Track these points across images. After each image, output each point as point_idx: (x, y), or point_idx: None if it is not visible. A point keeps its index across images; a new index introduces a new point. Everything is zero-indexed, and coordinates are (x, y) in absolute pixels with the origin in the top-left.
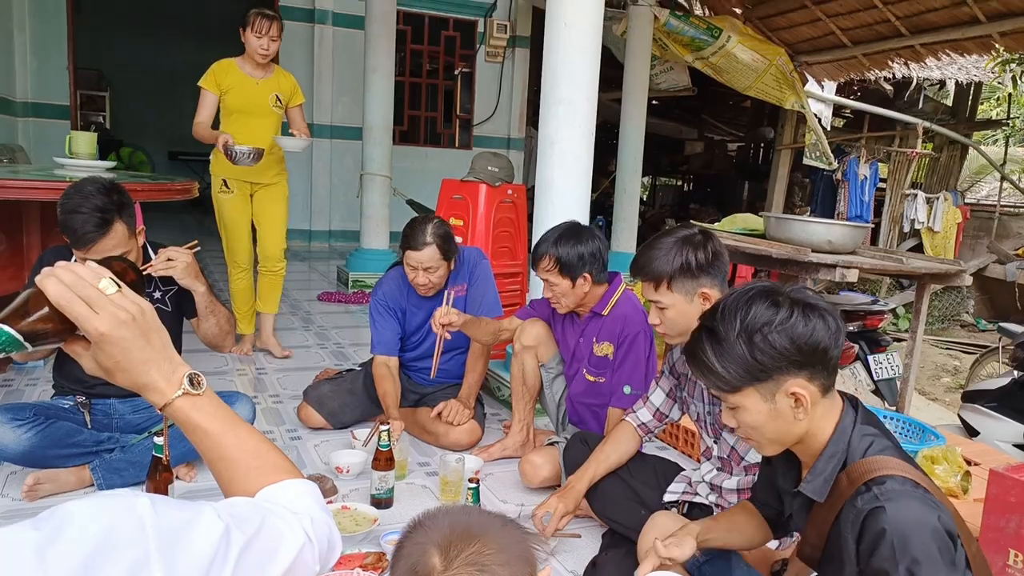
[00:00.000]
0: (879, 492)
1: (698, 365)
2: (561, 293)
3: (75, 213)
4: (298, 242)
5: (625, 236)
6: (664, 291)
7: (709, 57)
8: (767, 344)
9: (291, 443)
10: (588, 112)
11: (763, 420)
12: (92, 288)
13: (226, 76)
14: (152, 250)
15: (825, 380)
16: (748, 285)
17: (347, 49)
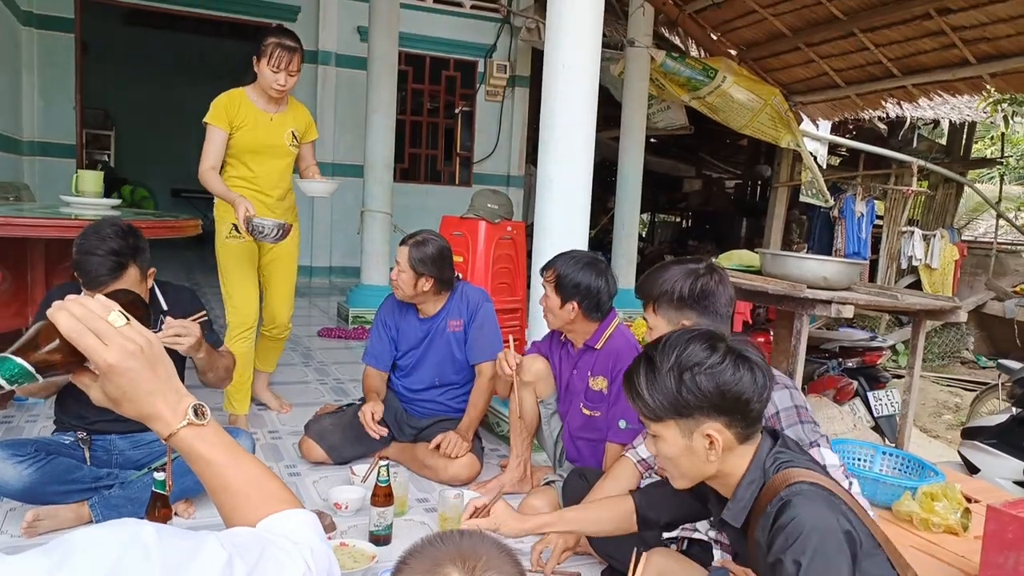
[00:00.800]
0: (785, 493)
1: (629, 389)
2: (548, 308)
3: (91, 255)
4: (300, 278)
5: (624, 272)
6: (650, 312)
7: (705, 97)
8: (694, 383)
9: (290, 479)
10: (586, 151)
11: (678, 454)
12: (102, 321)
13: (238, 111)
14: (159, 289)
15: (743, 429)
16: (696, 327)
17: (349, 89)
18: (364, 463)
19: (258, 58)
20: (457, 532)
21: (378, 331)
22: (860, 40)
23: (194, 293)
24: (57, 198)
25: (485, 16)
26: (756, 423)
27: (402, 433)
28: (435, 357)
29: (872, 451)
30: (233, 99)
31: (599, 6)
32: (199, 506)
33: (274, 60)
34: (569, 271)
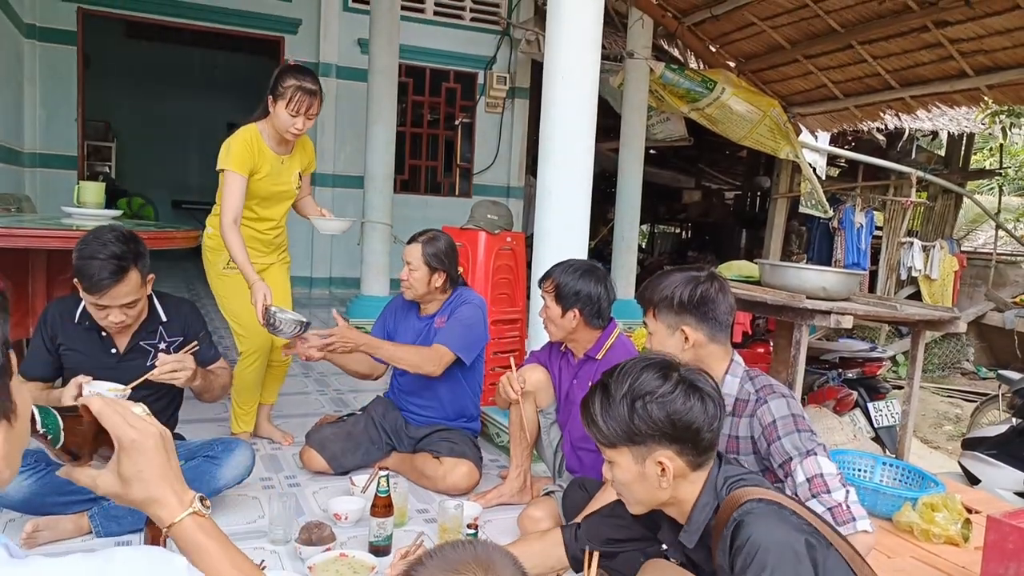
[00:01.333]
0: (738, 513)
1: (585, 415)
2: (549, 318)
3: (92, 259)
4: (299, 289)
5: (624, 283)
6: (650, 317)
7: (704, 108)
8: (646, 412)
9: (290, 490)
10: (585, 162)
11: (631, 480)
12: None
13: (256, 156)
14: (157, 300)
15: (695, 457)
16: (651, 355)
17: (350, 100)
18: (364, 473)
19: (275, 98)
20: (468, 541)
21: (378, 324)
22: (858, 53)
23: (193, 306)
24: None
25: (485, 28)
26: (708, 451)
27: (401, 443)
28: None
29: (872, 462)
30: (251, 144)
31: (598, 18)
32: None
33: (294, 104)
34: (568, 279)
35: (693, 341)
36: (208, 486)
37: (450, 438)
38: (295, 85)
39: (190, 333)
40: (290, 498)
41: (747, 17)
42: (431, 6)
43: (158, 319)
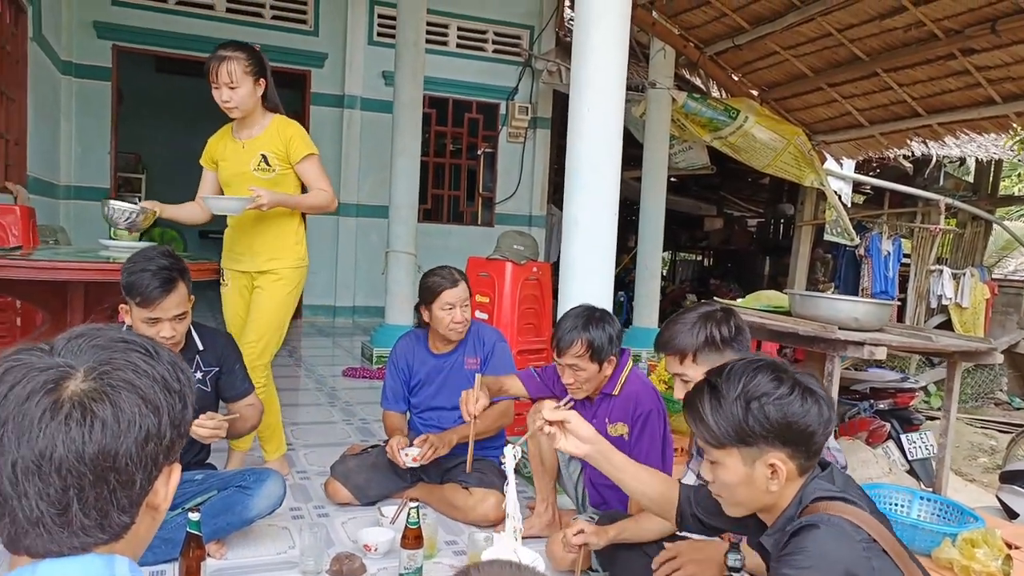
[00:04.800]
0: (806, 518)
1: (693, 414)
2: (586, 378)
3: (142, 272)
4: (322, 318)
5: (647, 312)
6: (689, 364)
7: (727, 137)
8: (761, 413)
9: (319, 520)
10: (611, 192)
11: (737, 482)
12: None
13: (217, 144)
14: (194, 329)
15: (804, 462)
16: (759, 357)
17: (373, 131)
18: (391, 504)
19: None
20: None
21: (391, 374)
22: (884, 80)
23: (230, 337)
24: (92, 240)
25: (507, 59)
26: (815, 456)
27: (428, 474)
28: (451, 394)
29: (909, 496)
30: (220, 134)
31: (624, 51)
32: (230, 547)
33: (211, 76)
34: (598, 333)
35: None
36: (240, 516)
37: (479, 468)
38: (208, 57)
39: (225, 363)
40: (320, 528)
41: (770, 46)
42: (454, 38)
43: (195, 348)
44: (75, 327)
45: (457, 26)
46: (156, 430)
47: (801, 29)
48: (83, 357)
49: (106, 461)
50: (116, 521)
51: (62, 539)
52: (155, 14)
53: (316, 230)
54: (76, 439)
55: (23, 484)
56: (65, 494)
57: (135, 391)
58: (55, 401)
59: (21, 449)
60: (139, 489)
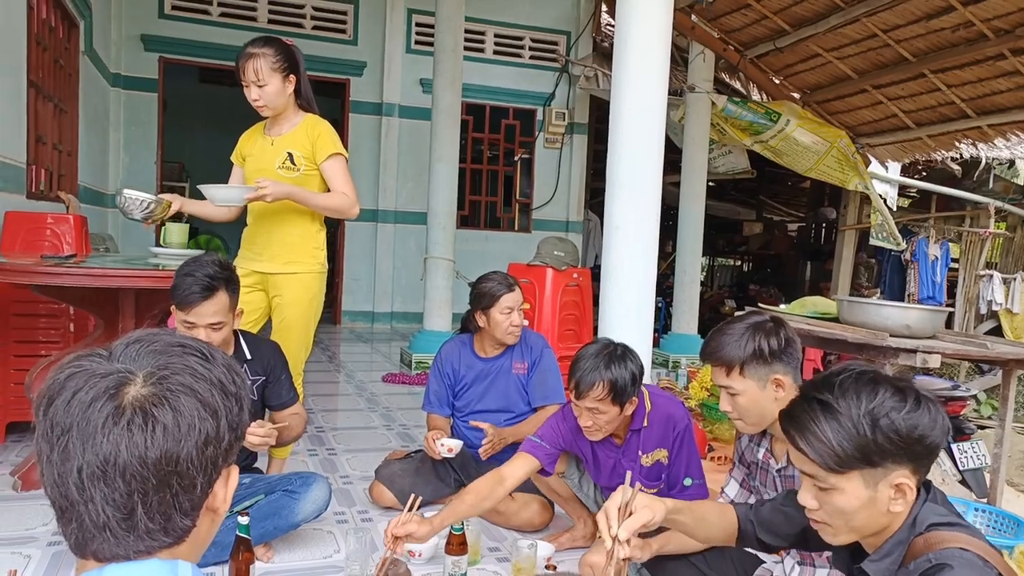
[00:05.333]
0: (938, 555)
1: (805, 437)
2: (607, 421)
3: (187, 276)
4: (361, 324)
5: (686, 318)
6: (736, 377)
7: (768, 141)
8: (891, 428)
9: (362, 524)
10: (652, 198)
11: (857, 507)
12: None
13: (248, 140)
14: (243, 338)
15: (923, 476)
16: (863, 367)
17: (411, 138)
18: (434, 509)
19: None
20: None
21: (436, 378)
22: (931, 81)
23: (277, 346)
24: (138, 248)
25: (544, 66)
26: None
27: (470, 479)
28: (498, 396)
29: (963, 507)
30: (252, 131)
31: (665, 57)
32: (277, 551)
33: (239, 75)
34: (620, 373)
35: (787, 388)
36: (287, 520)
37: None
38: (238, 56)
39: (272, 373)
40: (365, 533)
41: (812, 49)
42: (491, 45)
43: (243, 356)
44: (131, 332)
45: (494, 33)
46: (215, 433)
47: (845, 31)
48: (141, 362)
49: (168, 465)
50: (179, 524)
51: (128, 543)
52: (200, 26)
53: (355, 237)
54: (139, 444)
55: (89, 489)
56: (130, 499)
57: (194, 395)
58: (117, 407)
59: (86, 455)
60: (200, 492)
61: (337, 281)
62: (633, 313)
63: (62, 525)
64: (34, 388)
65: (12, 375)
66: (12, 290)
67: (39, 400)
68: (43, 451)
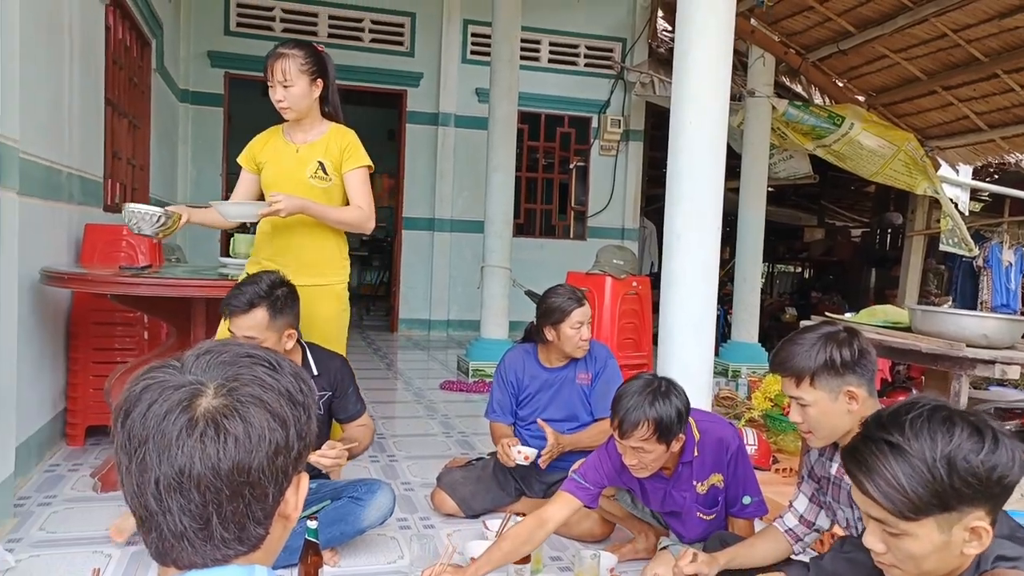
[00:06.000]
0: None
1: (875, 481)
2: (653, 459)
3: (237, 289)
4: (417, 331)
5: (746, 326)
6: (807, 388)
7: (832, 145)
8: (969, 472)
9: (425, 531)
10: (714, 205)
11: (930, 551)
12: None
13: (264, 146)
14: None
15: (997, 515)
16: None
17: (467, 147)
18: (495, 518)
19: None
20: None
21: (499, 386)
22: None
23: (345, 361)
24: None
25: (599, 73)
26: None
27: (531, 488)
28: (561, 406)
29: None
30: (264, 136)
31: (727, 64)
32: (344, 555)
33: (267, 74)
34: (665, 410)
35: (861, 401)
36: (353, 526)
37: None
38: (267, 55)
39: (339, 388)
40: (426, 540)
41: (878, 50)
42: (546, 54)
43: (309, 371)
44: (202, 343)
45: (549, 41)
46: (284, 443)
47: (913, 31)
48: (212, 373)
49: (240, 476)
50: (252, 533)
51: (205, 552)
52: (263, 42)
53: (412, 246)
54: (211, 455)
55: (167, 500)
56: (205, 509)
57: (263, 406)
58: (190, 419)
59: (163, 466)
60: (271, 501)
61: (394, 290)
62: (694, 323)
63: (143, 534)
64: (112, 394)
65: (91, 381)
66: (91, 299)
67: (117, 412)
68: (122, 462)
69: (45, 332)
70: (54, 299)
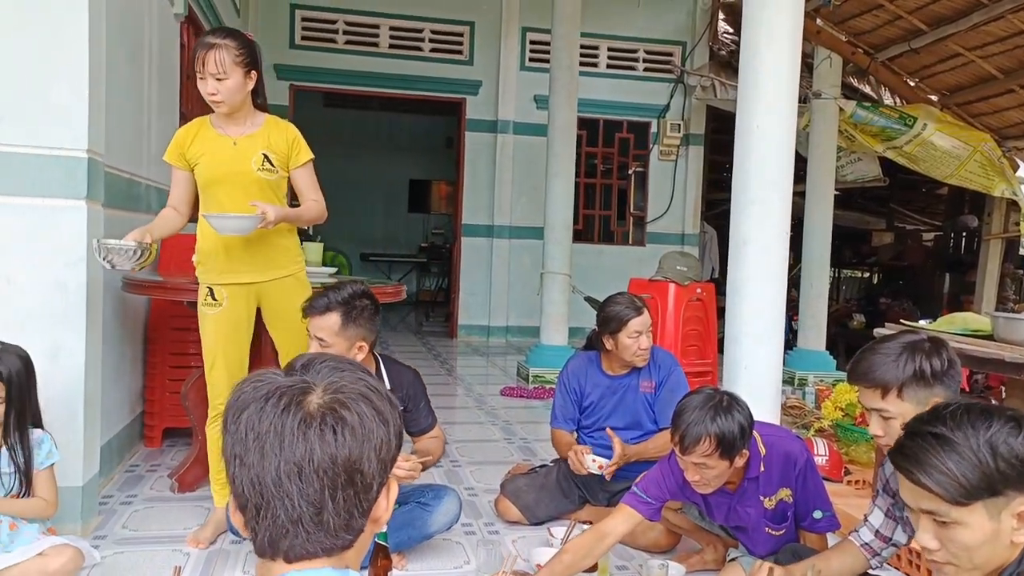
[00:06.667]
0: None
1: (927, 471)
2: (715, 476)
3: (322, 291)
4: (476, 337)
5: (813, 333)
6: (893, 399)
7: (903, 147)
8: (1012, 455)
9: (489, 537)
10: (782, 211)
11: (981, 540)
12: None
13: (192, 141)
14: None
15: None
16: (966, 400)
17: (525, 154)
18: (560, 525)
19: None
20: None
21: (562, 394)
22: None
23: (417, 374)
24: None
25: (658, 77)
26: None
27: (595, 497)
28: (625, 414)
29: None
30: (190, 129)
31: (795, 68)
32: (411, 559)
33: (197, 65)
34: (728, 425)
35: None
36: (420, 531)
37: None
38: (197, 44)
39: (411, 401)
40: (491, 546)
41: (952, 48)
42: (604, 59)
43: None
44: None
45: (607, 47)
46: (387, 439)
47: (989, 28)
48: (316, 376)
49: (354, 465)
50: (356, 524)
51: (317, 538)
52: (326, 54)
53: (470, 252)
54: (330, 444)
55: (286, 486)
56: (321, 495)
57: (369, 403)
58: (306, 412)
59: (284, 453)
60: (374, 494)
61: (453, 296)
62: (762, 332)
63: (254, 523)
64: (189, 398)
65: (168, 385)
66: (169, 306)
67: (229, 412)
68: (237, 455)
69: (125, 338)
70: (134, 306)
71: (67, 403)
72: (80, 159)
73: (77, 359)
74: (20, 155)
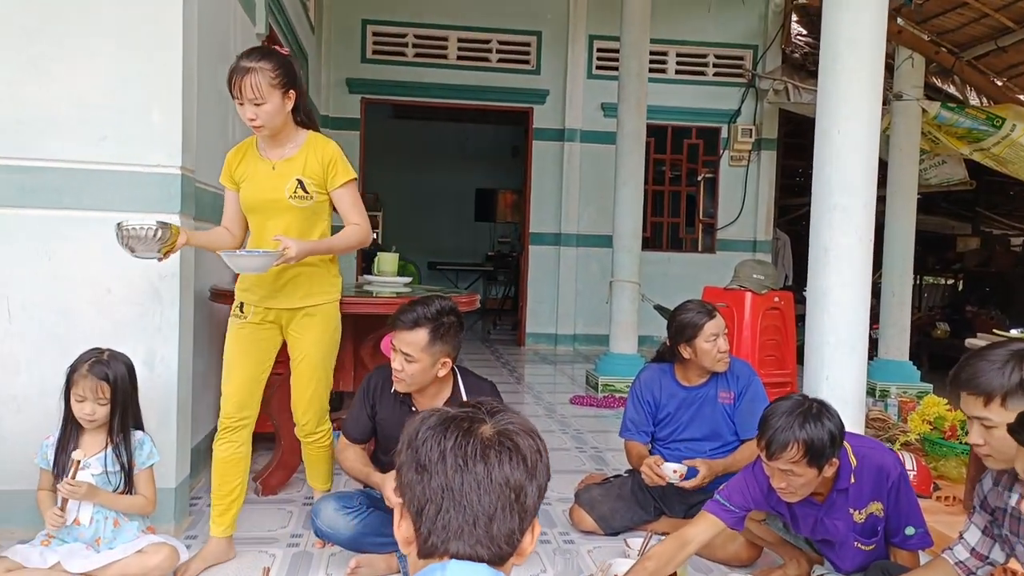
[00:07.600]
0: None
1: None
2: (802, 484)
3: (410, 305)
4: (544, 345)
5: (895, 343)
6: (996, 408)
7: (990, 148)
8: None
9: (564, 546)
10: (866, 217)
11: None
12: None
13: (240, 162)
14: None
15: None
16: None
17: (592, 162)
18: (636, 536)
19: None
20: None
21: (635, 405)
22: None
23: (493, 386)
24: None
25: (728, 82)
26: None
27: (672, 508)
28: (702, 425)
29: None
30: (238, 151)
31: (878, 69)
32: None
33: (233, 91)
34: (817, 433)
35: None
36: None
37: None
38: (231, 69)
39: None
40: (567, 556)
41: None
42: (673, 65)
43: (459, 397)
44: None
45: (676, 52)
46: (543, 485)
47: None
48: (484, 411)
49: (521, 489)
50: (516, 539)
51: (484, 542)
52: (396, 67)
53: (538, 261)
54: (505, 465)
55: (468, 493)
56: (495, 507)
57: (529, 436)
58: (483, 438)
59: (467, 465)
60: (529, 518)
61: (521, 304)
62: (845, 341)
63: (430, 524)
64: (272, 404)
65: None
66: None
67: (410, 441)
68: (421, 464)
69: (212, 345)
70: (220, 315)
71: (161, 409)
72: (175, 175)
73: (171, 367)
74: (121, 172)
